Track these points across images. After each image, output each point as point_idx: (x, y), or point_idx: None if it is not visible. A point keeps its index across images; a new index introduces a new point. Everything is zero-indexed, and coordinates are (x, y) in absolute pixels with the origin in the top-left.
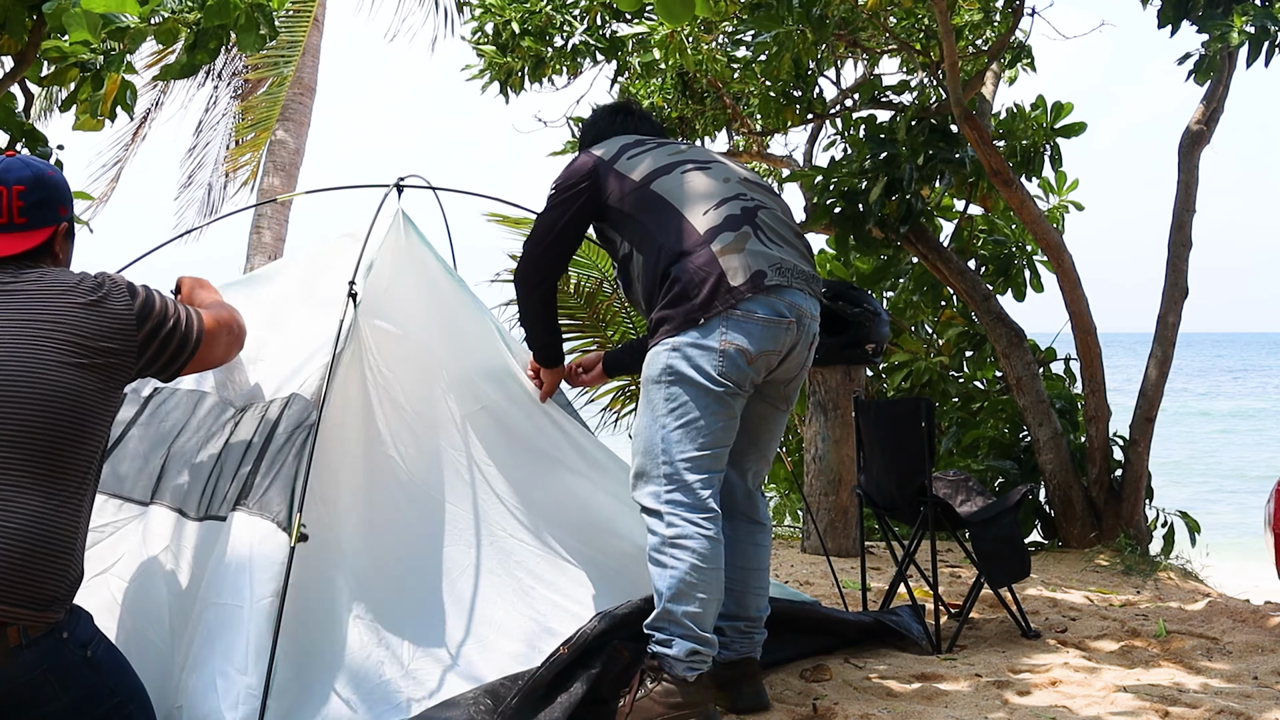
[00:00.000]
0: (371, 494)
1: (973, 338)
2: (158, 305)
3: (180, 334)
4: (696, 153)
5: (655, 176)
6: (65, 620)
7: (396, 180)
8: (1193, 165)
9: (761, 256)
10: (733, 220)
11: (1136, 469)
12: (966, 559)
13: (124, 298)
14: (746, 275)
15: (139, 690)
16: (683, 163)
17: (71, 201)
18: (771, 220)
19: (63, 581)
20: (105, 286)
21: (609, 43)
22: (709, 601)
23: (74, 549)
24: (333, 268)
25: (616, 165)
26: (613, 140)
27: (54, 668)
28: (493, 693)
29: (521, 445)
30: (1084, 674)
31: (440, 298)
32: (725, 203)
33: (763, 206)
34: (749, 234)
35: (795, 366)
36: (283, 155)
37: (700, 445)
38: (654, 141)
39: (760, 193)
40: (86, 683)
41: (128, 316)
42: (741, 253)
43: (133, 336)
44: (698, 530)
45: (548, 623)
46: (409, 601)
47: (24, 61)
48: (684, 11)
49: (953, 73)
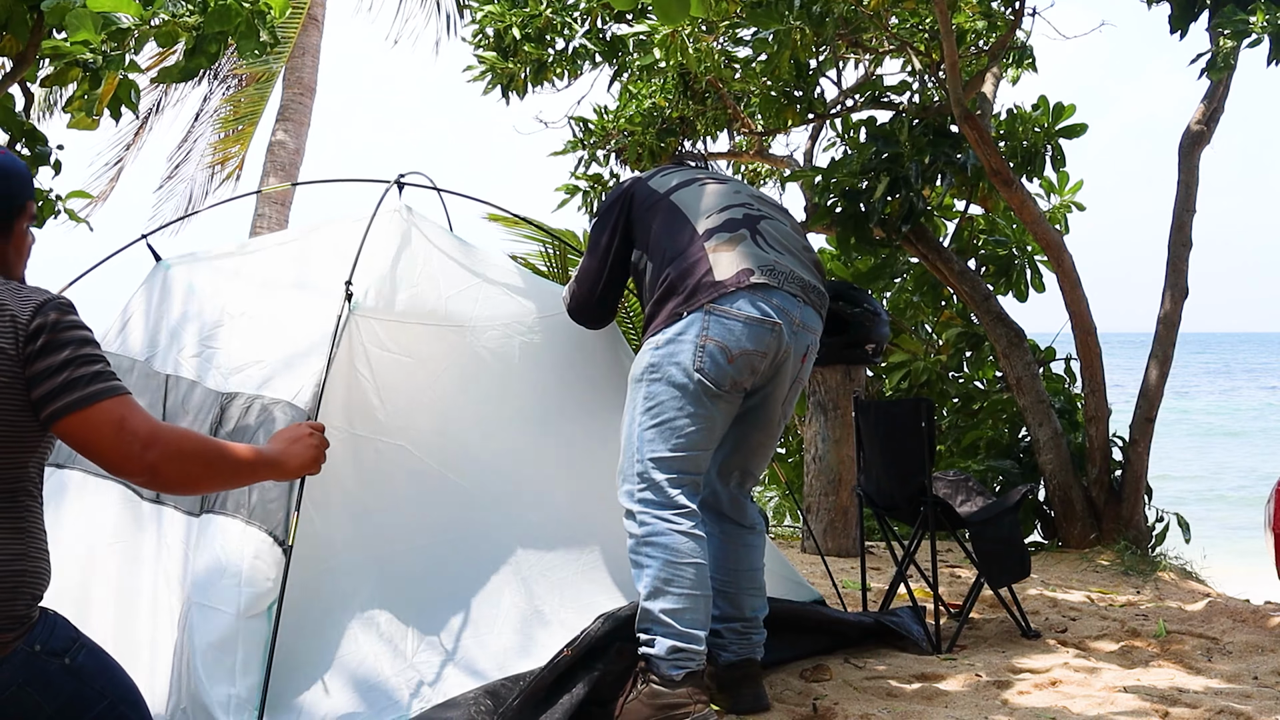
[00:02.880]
0: (364, 491)
1: (972, 338)
2: (66, 347)
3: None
4: (725, 176)
5: (677, 189)
6: (37, 632)
7: (398, 177)
8: (1193, 165)
9: (754, 256)
10: (731, 224)
11: (1136, 469)
12: (966, 559)
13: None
14: (733, 271)
15: (130, 690)
16: (706, 180)
17: (13, 192)
18: (775, 231)
19: (17, 603)
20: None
21: (609, 45)
22: (688, 597)
23: (22, 571)
24: (331, 249)
25: (650, 181)
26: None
27: (30, 681)
28: (493, 693)
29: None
30: (1084, 674)
31: (462, 264)
32: (730, 209)
33: (769, 218)
34: (745, 236)
35: (786, 380)
36: (283, 155)
37: (673, 446)
38: (697, 168)
39: (772, 209)
40: (71, 690)
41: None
42: (733, 251)
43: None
44: (669, 526)
45: (547, 615)
46: (408, 597)
47: (24, 61)
48: (680, 12)
49: (953, 73)
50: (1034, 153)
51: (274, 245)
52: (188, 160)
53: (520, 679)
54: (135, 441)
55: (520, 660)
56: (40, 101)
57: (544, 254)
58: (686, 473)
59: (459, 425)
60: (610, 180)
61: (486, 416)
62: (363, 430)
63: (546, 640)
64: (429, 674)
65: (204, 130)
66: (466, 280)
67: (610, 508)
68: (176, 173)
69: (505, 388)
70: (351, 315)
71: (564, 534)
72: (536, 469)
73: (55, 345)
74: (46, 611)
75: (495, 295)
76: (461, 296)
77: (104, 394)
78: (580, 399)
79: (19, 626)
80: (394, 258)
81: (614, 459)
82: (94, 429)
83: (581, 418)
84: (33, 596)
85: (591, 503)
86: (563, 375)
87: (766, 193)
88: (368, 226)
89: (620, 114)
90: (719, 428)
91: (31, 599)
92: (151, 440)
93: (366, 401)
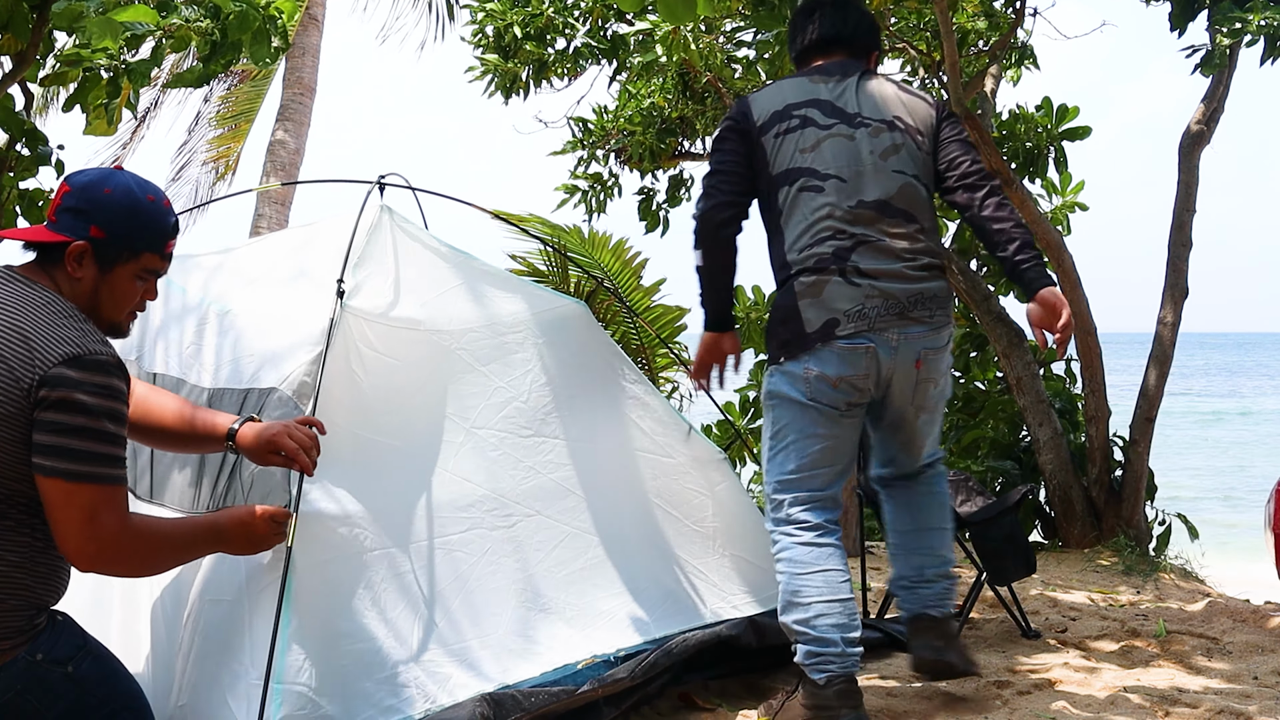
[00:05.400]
0: (364, 491)
1: (973, 338)
2: (81, 413)
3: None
4: (851, 114)
5: (780, 182)
6: (40, 641)
7: (379, 178)
8: (1193, 165)
9: (842, 299)
10: (821, 262)
11: (1136, 469)
12: (967, 559)
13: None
14: (819, 324)
15: (134, 696)
16: (812, 172)
17: (122, 233)
18: (871, 251)
19: (16, 615)
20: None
21: (610, 43)
22: (816, 604)
23: (25, 585)
24: (316, 249)
25: (764, 138)
26: (778, 90)
27: (30, 689)
28: (498, 703)
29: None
30: (1084, 674)
31: (450, 268)
32: (821, 241)
33: (864, 241)
34: (833, 274)
35: (904, 388)
36: (283, 155)
37: (796, 466)
38: (810, 106)
39: (880, 191)
40: (71, 698)
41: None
42: (819, 298)
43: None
44: (791, 540)
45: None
46: (410, 597)
47: (24, 61)
48: (686, 12)
49: (953, 73)
50: (1037, 154)
51: (259, 245)
52: (191, 162)
53: (532, 695)
54: (94, 541)
55: (523, 661)
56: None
57: (544, 253)
58: (811, 489)
59: (453, 427)
60: (610, 180)
61: (479, 418)
62: (362, 430)
63: (550, 640)
64: (432, 673)
65: (205, 130)
66: (447, 282)
67: (609, 507)
68: (181, 174)
69: (495, 389)
70: (344, 313)
71: (565, 534)
72: (532, 470)
73: (72, 405)
74: (55, 617)
75: (477, 297)
76: (442, 299)
77: (93, 478)
78: (572, 398)
79: (17, 637)
80: (376, 259)
81: (609, 457)
82: (66, 503)
83: (575, 416)
84: (35, 608)
85: (591, 502)
86: (553, 375)
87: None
88: (354, 228)
89: (620, 114)
90: (844, 445)
91: (34, 610)
92: (110, 542)
93: (363, 401)
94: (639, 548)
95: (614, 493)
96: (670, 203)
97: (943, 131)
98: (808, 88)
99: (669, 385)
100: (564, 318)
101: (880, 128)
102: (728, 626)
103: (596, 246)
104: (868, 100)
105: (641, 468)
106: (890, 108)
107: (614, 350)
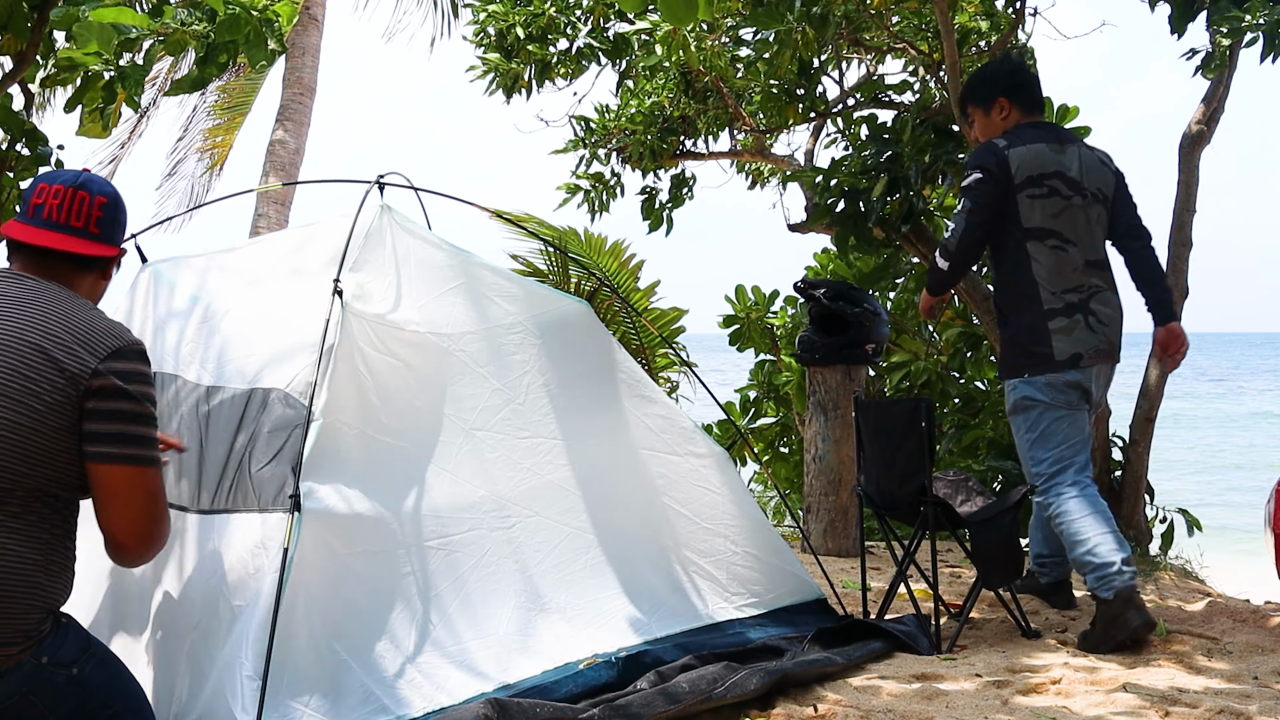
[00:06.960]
0: (366, 492)
1: (972, 338)
2: (128, 401)
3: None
4: (1079, 198)
5: (1029, 238)
6: (46, 644)
7: (378, 177)
8: (1193, 165)
9: (1084, 342)
10: (1069, 309)
11: (1136, 469)
12: (966, 559)
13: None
14: (1067, 355)
15: (137, 699)
16: (1058, 234)
17: (124, 240)
18: (1102, 301)
19: (28, 618)
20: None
21: (612, 44)
22: (1092, 538)
23: (41, 585)
24: (315, 249)
25: (1019, 195)
26: (1032, 155)
27: (34, 691)
28: (503, 708)
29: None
30: (1084, 674)
31: (451, 267)
32: (1069, 291)
33: (1099, 292)
34: (1079, 322)
35: (1100, 392)
36: (283, 155)
37: (1054, 444)
38: (1055, 178)
39: (1096, 251)
40: (75, 701)
41: (85, 379)
42: (1070, 335)
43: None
44: (1061, 495)
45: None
46: (411, 596)
47: (24, 61)
48: (688, 13)
49: (953, 73)
50: None
51: (259, 245)
52: (187, 158)
53: (538, 707)
54: (156, 522)
55: (524, 658)
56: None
57: (545, 252)
58: (1068, 459)
59: (452, 428)
60: (611, 179)
61: (478, 420)
62: (366, 430)
63: (551, 639)
64: (433, 673)
65: (200, 122)
66: (448, 282)
67: (610, 506)
68: (176, 170)
69: (493, 391)
70: (345, 314)
71: (565, 534)
72: (530, 470)
73: (127, 394)
74: (60, 620)
75: (478, 297)
76: (443, 300)
77: (154, 462)
78: (572, 398)
79: (26, 640)
80: (377, 260)
81: (610, 456)
82: (131, 489)
83: (575, 416)
84: (46, 610)
85: (591, 502)
86: (553, 376)
87: None
88: (351, 228)
89: (621, 113)
90: (1081, 421)
91: (44, 613)
92: (165, 520)
93: (369, 401)
94: (640, 547)
95: (615, 492)
96: (673, 202)
97: (1118, 195)
98: (1049, 159)
99: (668, 385)
100: (566, 317)
101: (1094, 198)
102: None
103: (594, 248)
104: (1088, 175)
105: (647, 466)
106: (1097, 179)
107: (617, 349)
